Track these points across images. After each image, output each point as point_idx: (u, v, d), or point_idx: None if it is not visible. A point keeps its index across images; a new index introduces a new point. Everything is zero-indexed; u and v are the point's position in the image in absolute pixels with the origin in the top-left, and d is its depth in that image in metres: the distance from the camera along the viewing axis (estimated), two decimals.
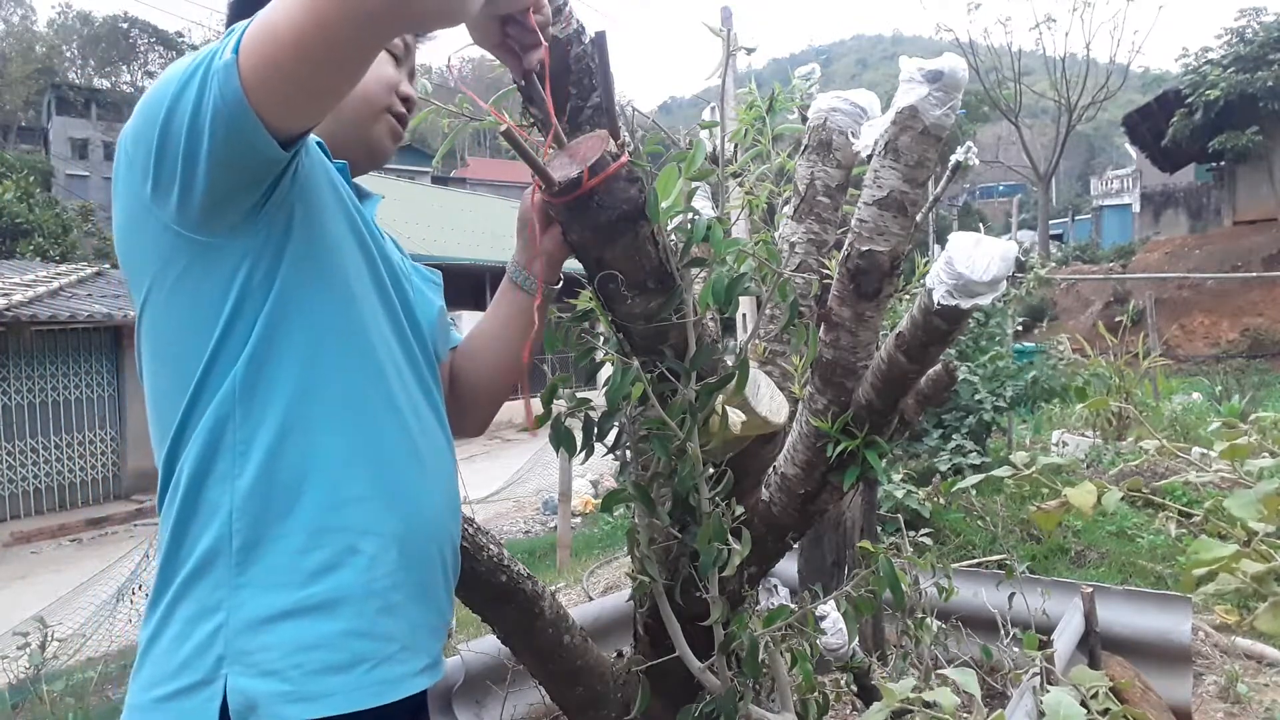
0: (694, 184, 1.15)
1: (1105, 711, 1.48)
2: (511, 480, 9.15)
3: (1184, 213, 24.73)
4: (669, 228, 1.11)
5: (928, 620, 2.44)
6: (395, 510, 0.98)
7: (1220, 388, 10.06)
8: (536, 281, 1.21)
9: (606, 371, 1.23)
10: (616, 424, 1.22)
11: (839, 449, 1.29)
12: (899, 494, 4.81)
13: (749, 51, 1.36)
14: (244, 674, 0.86)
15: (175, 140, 0.83)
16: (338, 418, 0.94)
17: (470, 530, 1.45)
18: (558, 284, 1.23)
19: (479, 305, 14.07)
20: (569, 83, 0.97)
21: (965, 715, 1.59)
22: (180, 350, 0.92)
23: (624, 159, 0.98)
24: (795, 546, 1.99)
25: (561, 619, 1.57)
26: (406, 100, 1.16)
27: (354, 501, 0.94)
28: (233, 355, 0.90)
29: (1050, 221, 28.55)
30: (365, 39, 0.80)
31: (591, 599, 4.73)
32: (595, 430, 1.22)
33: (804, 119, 1.54)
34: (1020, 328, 7.38)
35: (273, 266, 0.91)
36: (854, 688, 2.39)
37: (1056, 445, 7.42)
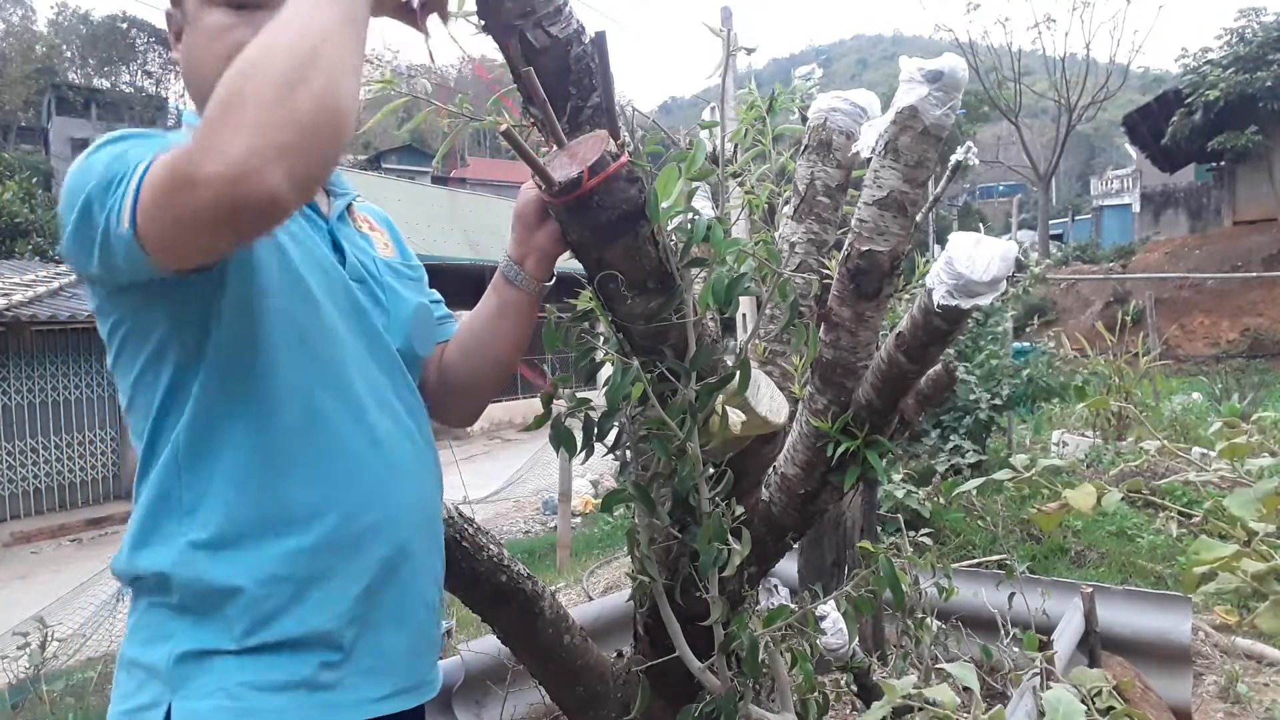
0: (694, 184, 1.15)
1: (1106, 711, 1.48)
2: (511, 480, 9.15)
3: (1184, 213, 24.72)
4: (669, 228, 1.11)
5: (928, 620, 2.44)
6: (363, 552, 0.99)
7: (1220, 388, 10.06)
8: (528, 278, 1.19)
9: (606, 371, 1.23)
10: (616, 424, 1.22)
11: (839, 449, 1.29)
12: (899, 494, 4.81)
13: (749, 51, 1.36)
14: (189, 698, 0.90)
15: (87, 249, 0.84)
16: (304, 469, 0.95)
17: (470, 530, 1.45)
18: (550, 281, 1.21)
19: None
20: (569, 83, 0.97)
21: (965, 715, 1.59)
22: (134, 399, 0.96)
23: (624, 159, 0.98)
24: (795, 546, 1.99)
25: (561, 619, 1.57)
26: None
27: (311, 551, 0.95)
28: (178, 415, 0.93)
29: (1050, 221, 28.53)
30: (265, 223, 0.78)
31: (591, 599, 4.73)
32: (595, 430, 1.22)
33: (804, 119, 1.54)
34: (1011, 323, 7.35)
35: (204, 330, 0.91)
36: (854, 688, 2.39)
37: (1056, 445, 7.42)
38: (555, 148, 1.00)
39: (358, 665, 0.97)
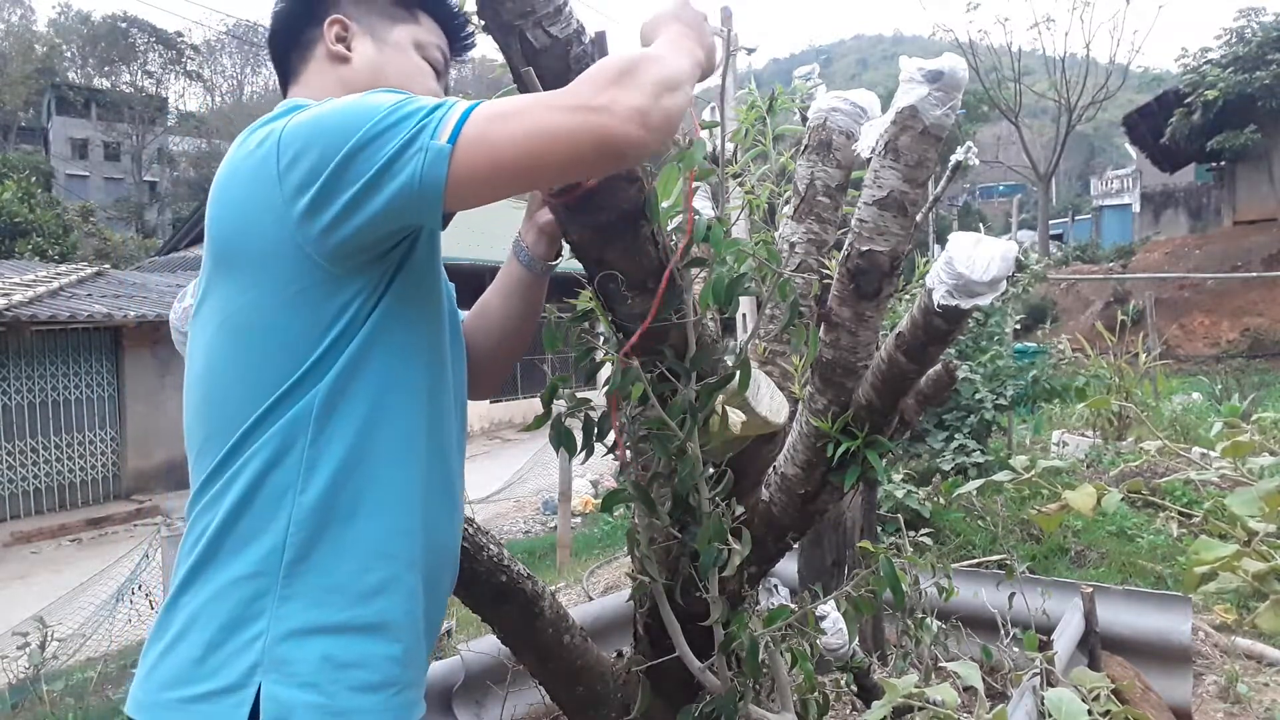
0: (694, 184, 1.15)
1: (1106, 713, 1.48)
2: (511, 480, 9.15)
3: (1184, 213, 24.72)
4: (669, 228, 1.11)
5: (928, 620, 2.44)
6: (430, 548, 1.01)
7: (1220, 388, 10.06)
8: (531, 255, 1.24)
9: (606, 371, 1.23)
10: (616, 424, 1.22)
11: (839, 449, 1.29)
12: (899, 494, 4.81)
13: (749, 51, 1.36)
14: (281, 682, 0.86)
15: (349, 182, 0.84)
16: (399, 452, 0.96)
17: (470, 530, 1.45)
18: (555, 260, 1.26)
19: None
20: (569, 83, 0.97)
21: (967, 715, 1.59)
22: (275, 354, 0.91)
23: None
24: (795, 546, 1.99)
25: (561, 619, 1.57)
26: None
27: (403, 534, 0.96)
28: (320, 374, 0.91)
29: (1050, 221, 28.52)
30: (610, 166, 0.90)
31: (591, 599, 4.73)
32: (595, 430, 1.22)
33: (804, 119, 1.54)
34: (1019, 327, 7.36)
35: (377, 300, 0.94)
36: (854, 688, 2.39)
37: (1057, 445, 7.42)
38: None
39: (417, 668, 1.00)
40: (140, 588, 4.98)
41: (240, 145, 0.94)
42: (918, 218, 1.23)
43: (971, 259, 1.07)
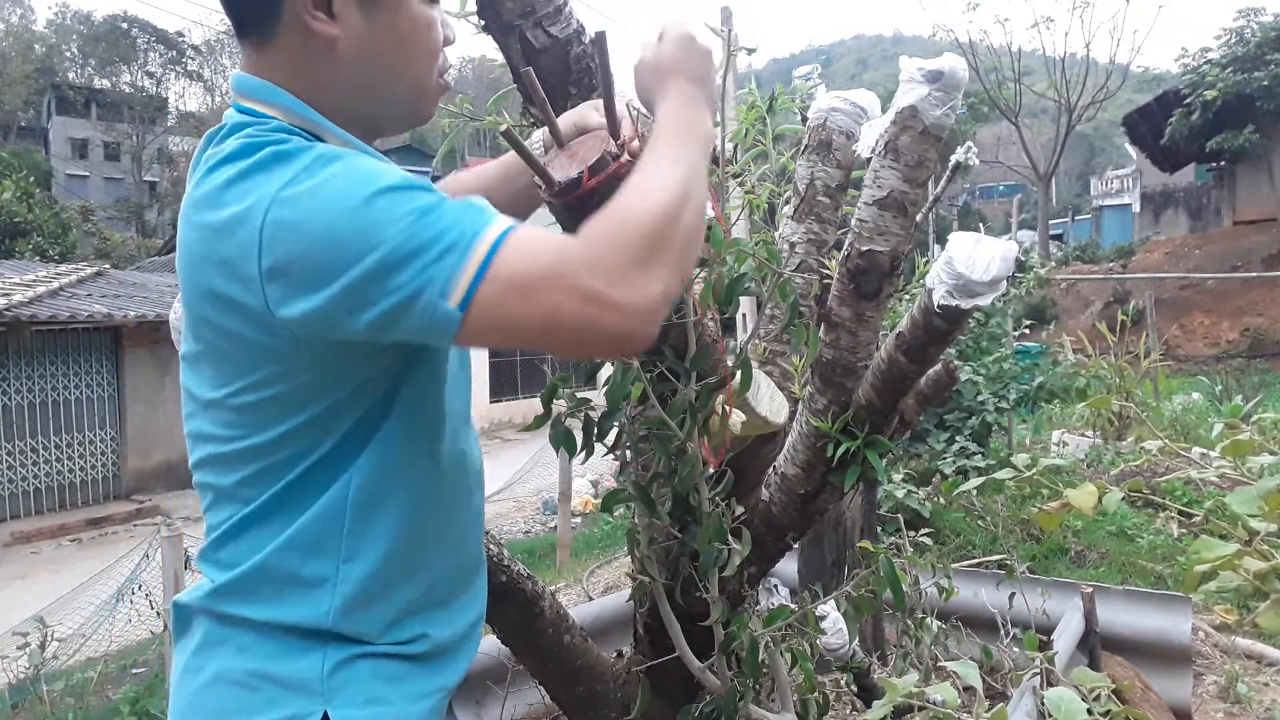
0: None
1: (1106, 713, 1.48)
2: (511, 480, 9.15)
3: (1184, 213, 24.73)
4: None
5: (928, 620, 2.44)
6: (465, 584, 1.05)
7: (1220, 388, 10.06)
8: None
9: (606, 371, 1.23)
10: (616, 424, 1.22)
11: (839, 449, 1.29)
12: (899, 494, 4.81)
13: (749, 51, 1.36)
14: (346, 706, 0.88)
15: (347, 310, 0.77)
16: (440, 525, 0.98)
17: None
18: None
19: None
20: (569, 83, 0.97)
21: (967, 715, 1.59)
22: (293, 435, 0.88)
23: (624, 159, 0.98)
24: (795, 546, 1.99)
25: (561, 619, 1.57)
26: (446, 42, 1.04)
27: (433, 584, 0.99)
28: (344, 462, 0.89)
29: (1050, 221, 28.52)
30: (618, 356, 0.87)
31: (591, 599, 4.73)
32: (595, 430, 1.22)
33: (804, 119, 1.54)
34: (1027, 329, 7.34)
35: (397, 383, 0.91)
36: (854, 688, 2.39)
37: (1057, 445, 7.42)
38: (555, 148, 1.00)
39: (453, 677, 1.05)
40: (140, 588, 4.99)
41: (208, 201, 0.82)
42: (918, 218, 1.24)
43: (971, 259, 1.08)
